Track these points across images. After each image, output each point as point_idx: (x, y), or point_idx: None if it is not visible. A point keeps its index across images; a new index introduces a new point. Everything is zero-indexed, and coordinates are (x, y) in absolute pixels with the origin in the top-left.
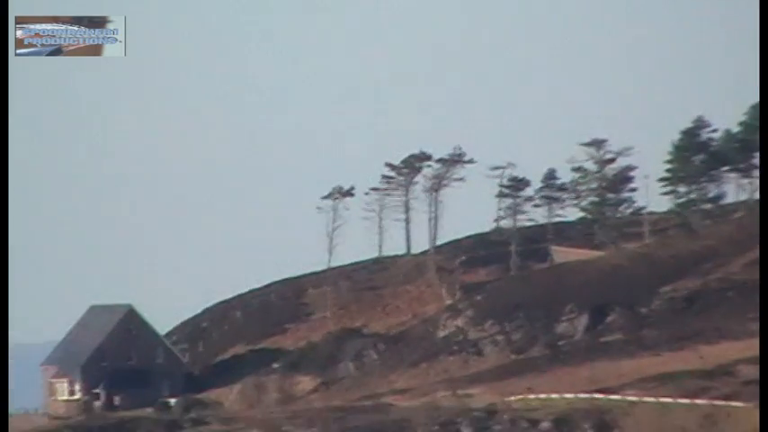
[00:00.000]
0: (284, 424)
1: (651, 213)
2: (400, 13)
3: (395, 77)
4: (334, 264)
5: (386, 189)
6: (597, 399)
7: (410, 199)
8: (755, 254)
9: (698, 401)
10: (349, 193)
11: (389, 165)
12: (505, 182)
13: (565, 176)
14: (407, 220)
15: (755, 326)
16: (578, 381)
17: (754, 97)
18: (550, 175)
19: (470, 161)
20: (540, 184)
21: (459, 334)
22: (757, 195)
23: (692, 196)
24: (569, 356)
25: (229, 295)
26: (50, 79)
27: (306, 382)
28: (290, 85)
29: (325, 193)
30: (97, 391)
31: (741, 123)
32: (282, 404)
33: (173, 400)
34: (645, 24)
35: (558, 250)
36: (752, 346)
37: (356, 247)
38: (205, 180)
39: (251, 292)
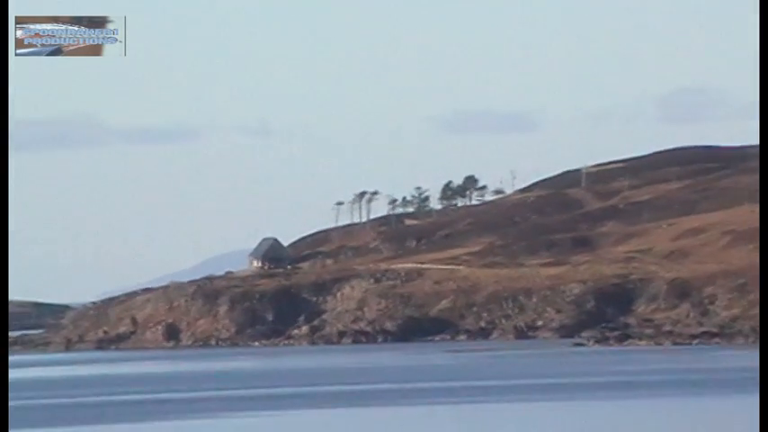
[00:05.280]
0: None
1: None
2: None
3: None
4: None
5: (350, 203)
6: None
7: (358, 207)
8: (448, 231)
9: (454, 267)
10: (341, 203)
11: (338, 202)
12: (388, 201)
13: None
14: (360, 215)
15: (461, 251)
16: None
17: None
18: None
19: (379, 193)
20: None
21: (377, 247)
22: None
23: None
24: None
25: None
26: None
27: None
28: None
29: (334, 203)
30: (267, 263)
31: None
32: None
33: (289, 266)
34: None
35: (407, 222)
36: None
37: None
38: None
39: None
